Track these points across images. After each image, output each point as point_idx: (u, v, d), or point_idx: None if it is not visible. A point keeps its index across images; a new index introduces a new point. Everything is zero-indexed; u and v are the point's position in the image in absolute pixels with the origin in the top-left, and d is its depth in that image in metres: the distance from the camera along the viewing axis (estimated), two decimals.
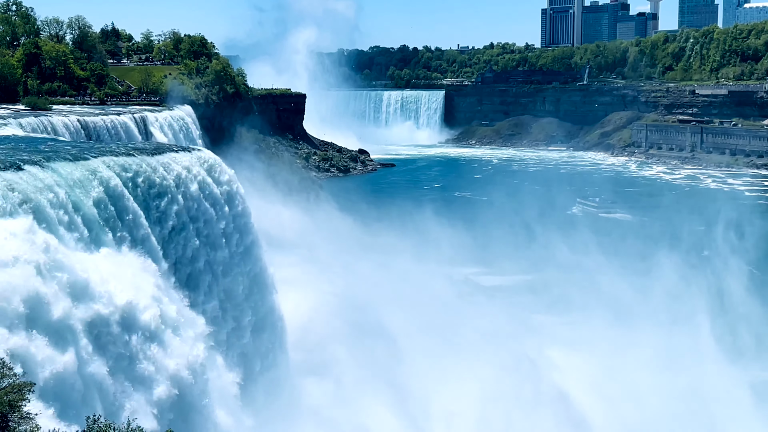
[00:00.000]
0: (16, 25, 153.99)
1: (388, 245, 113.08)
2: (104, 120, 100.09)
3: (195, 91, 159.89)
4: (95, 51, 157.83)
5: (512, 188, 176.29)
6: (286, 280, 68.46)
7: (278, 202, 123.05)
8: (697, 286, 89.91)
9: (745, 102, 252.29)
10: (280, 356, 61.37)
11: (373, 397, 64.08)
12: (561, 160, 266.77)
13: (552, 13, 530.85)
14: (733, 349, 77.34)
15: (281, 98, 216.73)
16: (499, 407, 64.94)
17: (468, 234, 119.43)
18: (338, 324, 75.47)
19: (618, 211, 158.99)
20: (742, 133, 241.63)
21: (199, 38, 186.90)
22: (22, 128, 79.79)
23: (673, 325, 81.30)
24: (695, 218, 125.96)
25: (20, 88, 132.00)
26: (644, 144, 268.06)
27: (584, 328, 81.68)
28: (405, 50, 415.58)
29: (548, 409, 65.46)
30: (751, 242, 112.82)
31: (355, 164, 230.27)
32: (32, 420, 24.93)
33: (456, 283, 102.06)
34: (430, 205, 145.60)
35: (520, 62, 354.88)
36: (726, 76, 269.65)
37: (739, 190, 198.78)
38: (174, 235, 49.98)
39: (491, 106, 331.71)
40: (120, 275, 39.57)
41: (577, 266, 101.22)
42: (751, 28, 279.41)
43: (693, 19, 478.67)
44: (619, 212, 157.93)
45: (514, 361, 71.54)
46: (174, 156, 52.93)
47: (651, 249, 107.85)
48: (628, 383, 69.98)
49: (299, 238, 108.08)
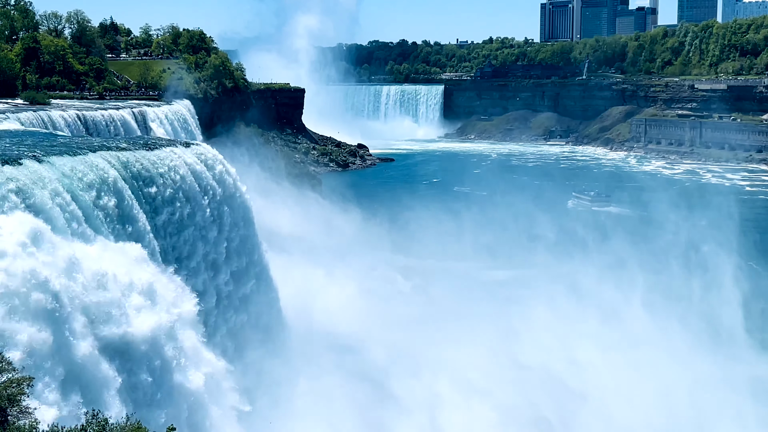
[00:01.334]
0: (14, 19, 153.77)
1: (382, 239, 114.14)
2: (103, 114, 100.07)
3: (194, 86, 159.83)
4: (94, 45, 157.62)
5: (512, 183, 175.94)
6: (282, 272, 68.72)
7: (276, 196, 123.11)
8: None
9: (744, 97, 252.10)
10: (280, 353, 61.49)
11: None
12: (561, 155, 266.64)
13: (551, 8, 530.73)
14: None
15: (280, 93, 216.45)
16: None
17: (457, 228, 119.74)
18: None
19: (626, 207, 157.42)
20: (741, 128, 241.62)
21: (197, 33, 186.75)
22: (20, 123, 79.73)
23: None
24: (707, 214, 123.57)
25: (19, 82, 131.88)
26: (643, 139, 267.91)
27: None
28: (404, 45, 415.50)
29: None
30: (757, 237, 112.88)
31: (354, 159, 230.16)
32: (31, 414, 24.97)
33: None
34: (427, 200, 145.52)
35: (519, 57, 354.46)
36: (725, 71, 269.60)
37: (740, 185, 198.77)
38: (172, 229, 50.00)
39: (490, 101, 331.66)
40: (117, 268, 39.54)
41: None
42: (751, 23, 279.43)
43: (692, 14, 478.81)
44: (627, 209, 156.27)
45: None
46: (173, 150, 52.93)
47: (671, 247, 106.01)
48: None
49: (297, 232, 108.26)
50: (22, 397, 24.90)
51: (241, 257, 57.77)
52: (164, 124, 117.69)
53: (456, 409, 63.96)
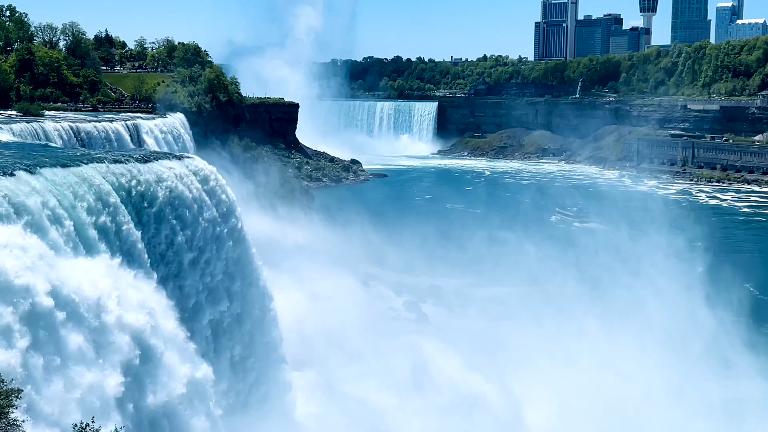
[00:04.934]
0: (9, 30, 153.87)
1: (372, 256, 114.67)
2: (96, 127, 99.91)
3: (188, 99, 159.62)
4: (88, 57, 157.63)
5: (505, 201, 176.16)
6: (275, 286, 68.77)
7: (269, 211, 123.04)
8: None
9: (736, 117, 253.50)
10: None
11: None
12: (556, 174, 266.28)
13: (545, 27, 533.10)
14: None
15: (274, 107, 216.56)
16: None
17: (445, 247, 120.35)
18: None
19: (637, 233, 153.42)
20: (733, 148, 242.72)
21: (192, 46, 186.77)
22: (13, 134, 79.61)
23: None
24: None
25: (13, 93, 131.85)
26: (636, 158, 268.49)
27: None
28: (398, 61, 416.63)
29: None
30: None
31: (347, 174, 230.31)
32: (19, 427, 24.85)
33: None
34: (418, 216, 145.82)
35: (513, 75, 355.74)
36: (718, 92, 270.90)
37: (737, 206, 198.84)
38: (164, 243, 49.80)
39: (484, 118, 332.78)
40: (110, 283, 39.44)
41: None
42: (744, 44, 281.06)
43: (686, 35, 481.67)
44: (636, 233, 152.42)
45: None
46: (165, 164, 52.80)
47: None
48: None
49: (290, 246, 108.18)
50: (10, 409, 24.78)
51: (234, 274, 57.40)
52: (158, 137, 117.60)
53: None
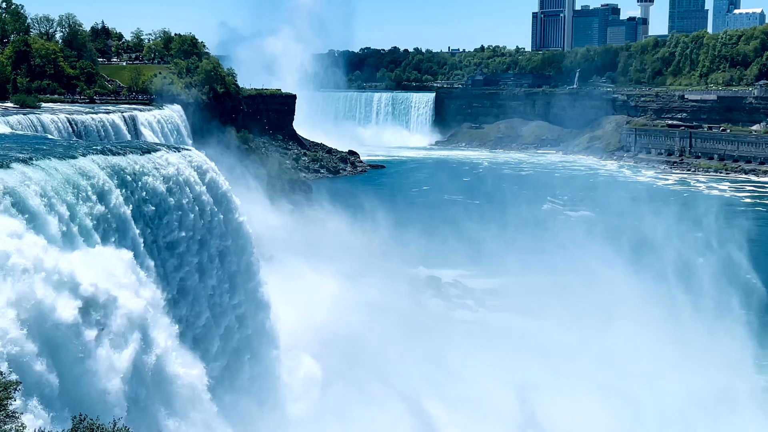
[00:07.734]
0: (6, 22, 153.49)
1: (371, 246, 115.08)
2: (93, 118, 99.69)
3: (185, 91, 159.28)
4: (85, 49, 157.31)
5: (502, 193, 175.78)
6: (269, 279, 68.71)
7: (266, 202, 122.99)
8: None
9: (734, 107, 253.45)
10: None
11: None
12: (554, 164, 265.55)
13: (543, 17, 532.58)
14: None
15: (271, 99, 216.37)
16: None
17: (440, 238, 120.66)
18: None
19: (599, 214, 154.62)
20: (730, 138, 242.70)
21: (189, 38, 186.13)
22: (10, 126, 79.45)
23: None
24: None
25: (9, 85, 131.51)
26: (633, 148, 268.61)
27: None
28: (396, 52, 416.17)
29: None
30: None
31: (344, 165, 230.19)
32: (17, 419, 24.84)
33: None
34: (415, 208, 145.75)
35: (510, 65, 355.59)
36: (715, 82, 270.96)
37: (737, 196, 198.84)
38: (162, 235, 49.79)
39: (481, 109, 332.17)
40: (105, 275, 39.41)
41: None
42: (741, 34, 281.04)
43: (683, 25, 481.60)
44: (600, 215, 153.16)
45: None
46: (163, 155, 52.75)
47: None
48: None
49: (287, 238, 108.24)
50: (8, 401, 24.78)
51: (231, 265, 57.38)
52: (155, 129, 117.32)
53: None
